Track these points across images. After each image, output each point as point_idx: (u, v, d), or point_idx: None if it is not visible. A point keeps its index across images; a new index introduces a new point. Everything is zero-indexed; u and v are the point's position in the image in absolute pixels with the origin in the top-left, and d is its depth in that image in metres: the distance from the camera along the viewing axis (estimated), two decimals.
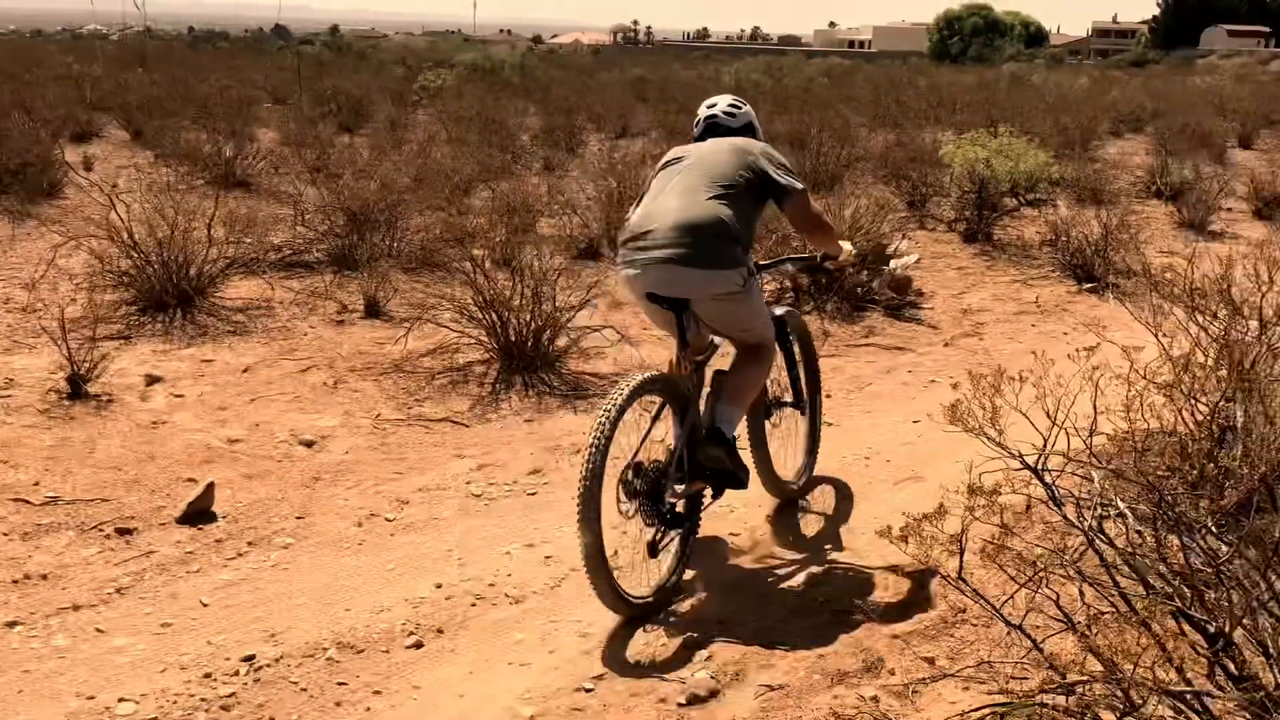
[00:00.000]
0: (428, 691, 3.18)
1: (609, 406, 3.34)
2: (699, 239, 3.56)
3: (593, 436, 3.29)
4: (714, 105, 4.17)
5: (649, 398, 3.57)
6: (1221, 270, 4.21)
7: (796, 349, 4.50)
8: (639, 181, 9.84)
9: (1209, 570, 2.40)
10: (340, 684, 3.19)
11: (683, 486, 3.66)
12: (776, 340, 4.10)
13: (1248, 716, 2.20)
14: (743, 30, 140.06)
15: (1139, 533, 2.69)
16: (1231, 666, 2.30)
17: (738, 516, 4.28)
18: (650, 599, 3.55)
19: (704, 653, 3.34)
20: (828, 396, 5.73)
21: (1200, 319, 4.24)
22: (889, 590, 3.69)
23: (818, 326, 6.99)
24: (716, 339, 4.00)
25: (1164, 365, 3.44)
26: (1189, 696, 2.24)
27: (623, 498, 3.43)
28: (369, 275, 7.08)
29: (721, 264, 3.59)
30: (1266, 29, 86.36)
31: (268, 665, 3.26)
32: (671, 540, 3.63)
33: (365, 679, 3.22)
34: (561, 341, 5.98)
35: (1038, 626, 2.80)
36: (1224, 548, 2.45)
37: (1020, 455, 2.59)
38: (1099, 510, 2.71)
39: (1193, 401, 3.53)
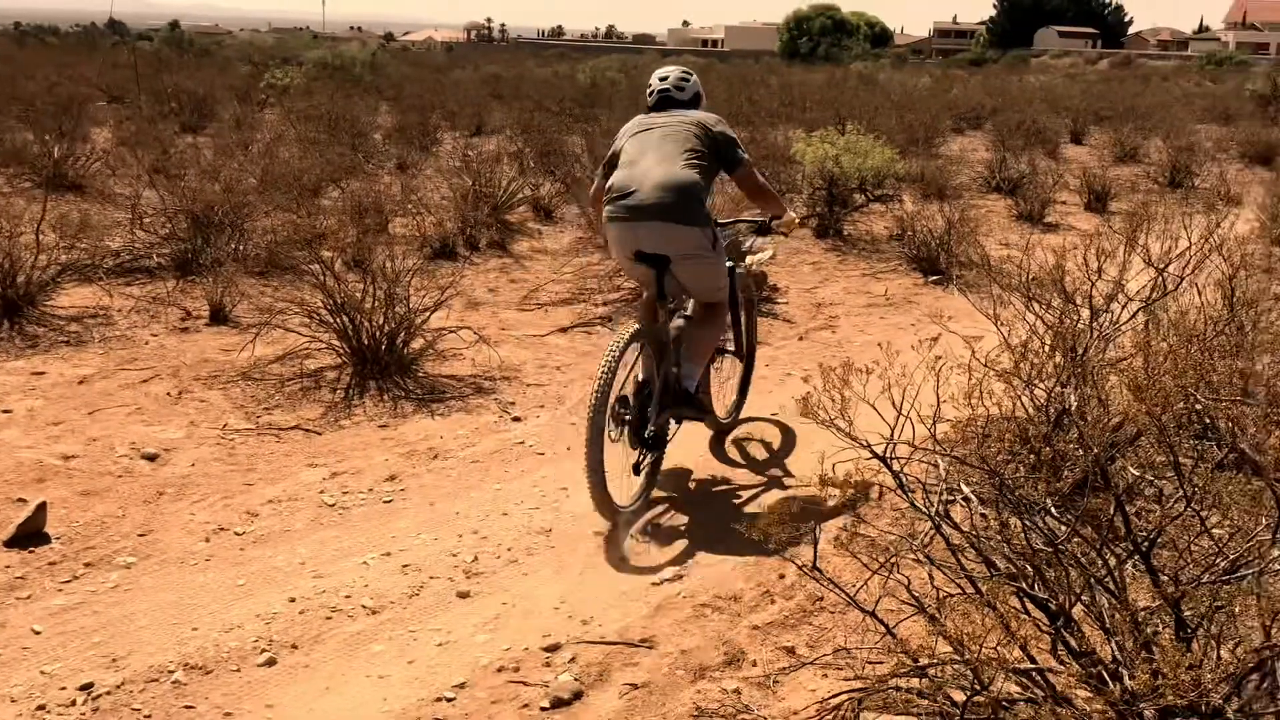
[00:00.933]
0: (282, 710, 3.06)
1: (611, 352, 4.00)
2: (679, 198, 4.19)
3: (599, 377, 3.94)
4: (666, 78, 4.67)
5: (635, 344, 4.21)
6: (1055, 261, 4.40)
7: (742, 305, 5.08)
8: (495, 179, 9.79)
9: (1049, 550, 2.50)
10: (188, 707, 3.05)
11: (657, 415, 4.29)
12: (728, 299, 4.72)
13: (1088, 689, 2.29)
14: (597, 29, 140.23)
15: (983, 516, 2.79)
16: (1072, 642, 2.39)
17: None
18: (631, 508, 4.20)
19: (567, 654, 3.31)
20: None
21: (1036, 308, 4.43)
22: (750, 581, 3.73)
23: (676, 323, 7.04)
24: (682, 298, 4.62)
25: (1003, 353, 3.57)
26: (1034, 673, 2.32)
27: (613, 426, 4.04)
28: (214, 280, 6.81)
29: (695, 221, 4.24)
30: (1093, 30, 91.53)
31: (107, 693, 3.09)
32: (648, 462, 4.28)
33: (215, 700, 3.09)
34: (416, 344, 5.87)
35: (891, 611, 2.87)
36: (1063, 528, 2.55)
37: (869, 445, 2.65)
38: (945, 496, 2.79)
39: (1030, 387, 3.67)
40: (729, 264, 4.67)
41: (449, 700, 3.10)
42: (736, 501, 4.49)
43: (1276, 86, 23.32)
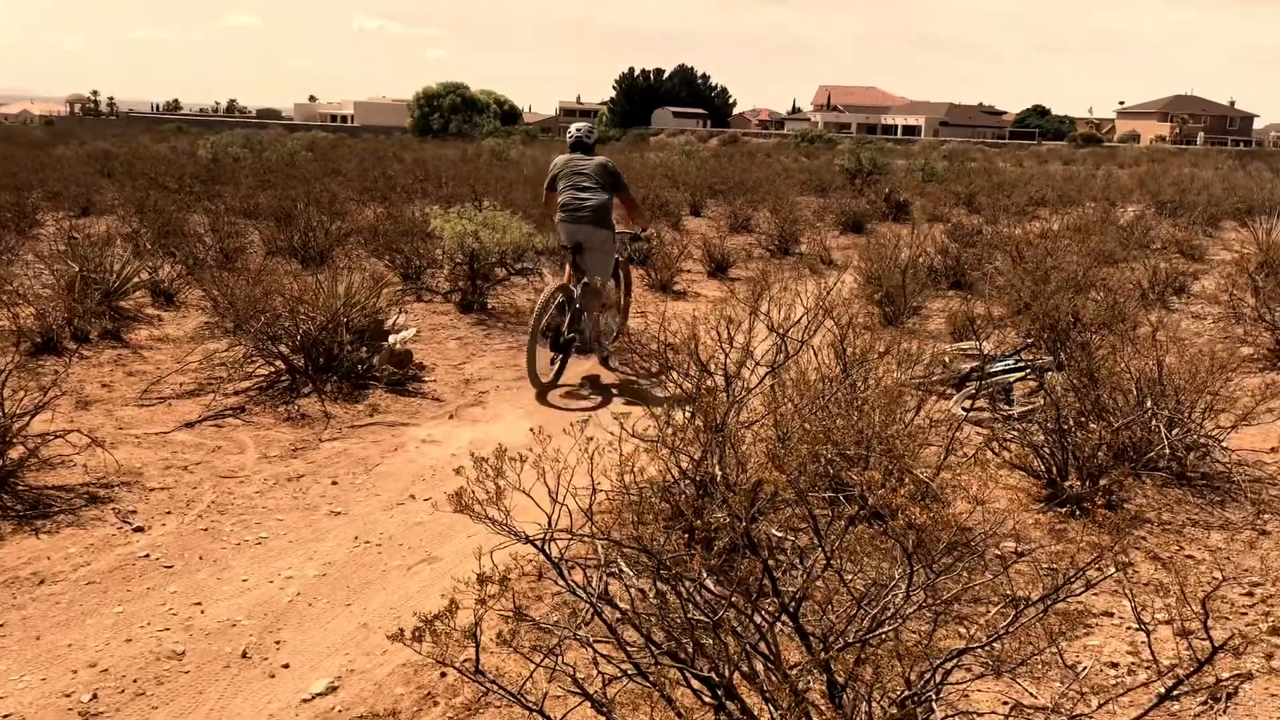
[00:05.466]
0: None
1: (544, 296, 7.38)
2: (597, 213, 7.76)
3: (536, 311, 7.29)
4: (580, 129, 8.20)
5: (559, 293, 7.53)
6: (689, 332, 4.58)
7: (622, 276, 8.61)
8: (106, 263, 8.95)
9: (706, 620, 2.53)
10: None
11: (565, 335, 7.55)
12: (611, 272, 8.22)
13: None
14: (217, 103, 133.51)
15: (642, 592, 2.79)
16: (735, 710, 2.43)
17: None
18: (548, 383, 7.37)
19: None
20: (334, 483, 5.53)
21: (675, 376, 4.59)
22: (410, 685, 3.54)
23: (319, 409, 6.71)
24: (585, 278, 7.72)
25: (649, 424, 3.65)
26: None
27: (540, 339, 7.29)
28: None
29: (605, 227, 7.83)
30: (703, 111, 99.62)
31: None
32: (559, 360, 7.57)
33: None
34: (15, 453, 5.17)
35: (559, 698, 2.81)
36: (717, 598, 2.60)
37: (526, 535, 2.58)
38: (604, 573, 2.78)
39: (676, 456, 3.78)
40: (615, 257, 8.23)
41: None
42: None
43: (861, 162, 26.16)
